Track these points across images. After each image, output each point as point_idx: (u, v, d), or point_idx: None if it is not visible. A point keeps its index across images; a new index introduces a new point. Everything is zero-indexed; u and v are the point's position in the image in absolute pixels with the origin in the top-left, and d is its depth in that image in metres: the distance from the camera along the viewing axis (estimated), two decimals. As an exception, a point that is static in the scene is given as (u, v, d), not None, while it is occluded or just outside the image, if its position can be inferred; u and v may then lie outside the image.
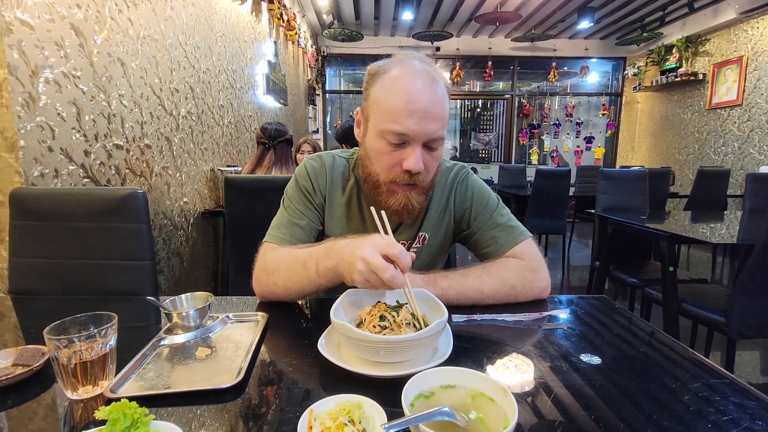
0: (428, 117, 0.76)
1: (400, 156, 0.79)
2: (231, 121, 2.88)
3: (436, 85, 0.77)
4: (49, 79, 1.29)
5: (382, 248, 0.63)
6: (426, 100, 0.75)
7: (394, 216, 0.84)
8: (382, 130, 0.78)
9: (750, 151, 4.51)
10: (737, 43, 4.65)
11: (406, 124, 0.75)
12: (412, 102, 0.75)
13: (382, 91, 0.79)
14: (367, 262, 0.62)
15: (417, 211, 0.85)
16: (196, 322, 0.71)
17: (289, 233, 0.89)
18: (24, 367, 0.56)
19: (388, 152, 0.79)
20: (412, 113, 0.75)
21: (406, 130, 0.75)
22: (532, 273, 0.85)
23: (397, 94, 0.76)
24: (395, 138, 0.77)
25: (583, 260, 4.30)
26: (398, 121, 0.75)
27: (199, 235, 2.37)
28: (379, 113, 0.79)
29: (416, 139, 0.77)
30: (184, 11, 2.15)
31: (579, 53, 6.34)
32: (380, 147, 0.80)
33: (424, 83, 0.76)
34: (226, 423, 0.48)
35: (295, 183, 0.94)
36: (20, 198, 1.02)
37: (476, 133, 7.01)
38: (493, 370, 0.59)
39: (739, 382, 0.55)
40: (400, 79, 0.77)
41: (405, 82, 0.76)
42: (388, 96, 0.77)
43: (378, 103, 0.79)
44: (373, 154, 0.82)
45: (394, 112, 0.76)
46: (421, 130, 0.76)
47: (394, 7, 5.00)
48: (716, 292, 1.88)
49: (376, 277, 0.62)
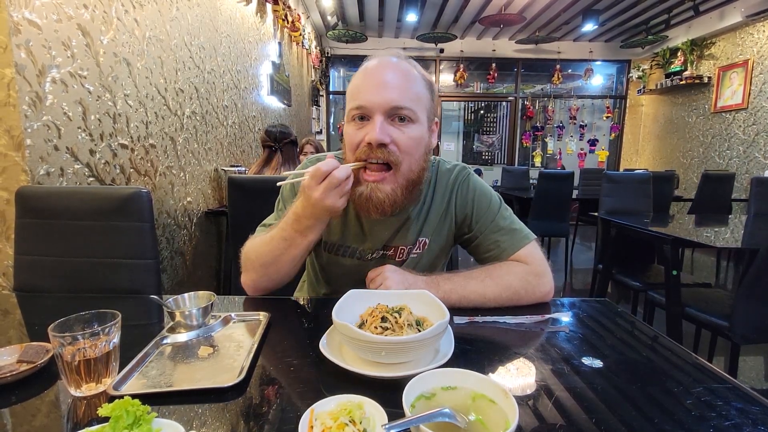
0: (386, 87, 0.76)
1: (364, 133, 0.78)
2: (235, 122, 2.89)
3: (401, 64, 0.80)
4: (56, 79, 1.30)
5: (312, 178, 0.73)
6: (384, 73, 0.78)
7: (362, 211, 0.82)
8: (347, 112, 0.81)
9: (755, 155, 4.48)
10: (743, 47, 4.63)
11: (362, 96, 0.77)
12: (369, 76, 0.78)
13: (351, 82, 0.83)
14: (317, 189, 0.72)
15: (385, 205, 0.78)
16: (199, 321, 0.71)
17: None
18: (28, 363, 0.57)
19: (353, 132, 0.80)
20: (369, 86, 0.78)
21: (363, 102, 0.77)
22: (537, 278, 0.84)
23: (358, 74, 0.81)
24: (356, 113, 0.79)
25: (586, 263, 4.29)
26: (356, 96, 0.78)
27: (202, 235, 2.38)
28: (347, 101, 0.82)
29: (375, 109, 0.76)
30: (189, 12, 2.16)
31: (583, 56, 6.33)
32: (349, 130, 0.81)
33: (386, 63, 0.79)
34: (228, 422, 0.48)
35: (291, 186, 0.93)
36: (26, 196, 1.03)
37: (479, 135, 7.00)
38: (494, 372, 0.59)
39: (742, 387, 0.55)
40: (367, 67, 0.81)
41: (368, 65, 0.81)
42: (353, 83, 0.82)
43: (348, 93, 0.82)
44: (346, 141, 0.83)
45: (354, 90, 0.80)
46: (377, 99, 0.76)
47: (398, 8, 5.01)
48: (720, 296, 1.87)
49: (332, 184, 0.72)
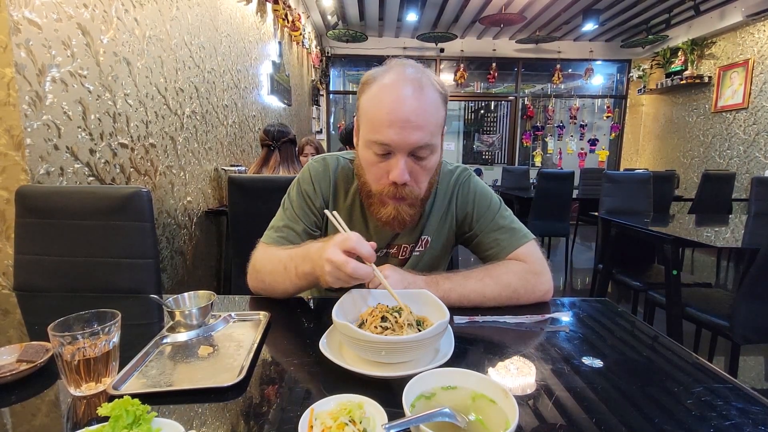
0: (409, 126, 0.74)
1: (387, 167, 0.78)
2: (235, 121, 2.89)
3: (423, 92, 0.76)
4: (56, 78, 1.30)
5: (340, 244, 0.66)
6: (408, 110, 0.74)
7: (386, 227, 0.85)
8: (367, 140, 0.79)
9: (756, 154, 4.48)
10: (743, 46, 4.62)
11: (387, 134, 0.75)
12: (393, 112, 0.74)
13: (368, 101, 0.79)
14: (330, 261, 0.65)
15: (408, 223, 0.84)
16: (199, 321, 0.71)
17: (283, 235, 0.90)
18: (28, 363, 0.57)
19: (375, 163, 0.79)
20: (393, 123, 0.74)
21: (387, 140, 0.75)
22: (535, 276, 0.85)
23: (379, 104, 0.76)
24: (379, 148, 0.77)
25: (586, 263, 4.29)
26: (380, 131, 0.75)
27: (202, 234, 2.38)
28: (365, 123, 0.79)
29: (399, 149, 0.76)
30: (189, 11, 2.16)
31: (584, 55, 6.32)
32: (368, 157, 0.80)
33: (407, 92, 0.75)
34: (228, 421, 0.48)
35: (297, 186, 0.94)
36: (26, 196, 1.03)
37: (480, 135, 7.00)
38: (494, 371, 0.59)
39: (743, 387, 0.55)
40: (384, 89, 0.77)
41: (388, 92, 0.76)
42: (371, 106, 0.78)
43: (365, 113, 0.79)
44: (364, 164, 0.83)
45: (377, 122, 0.76)
46: (402, 141, 0.75)
47: (399, 8, 5.01)
48: (720, 296, 1.87)
49: (342, 272, 0.64)
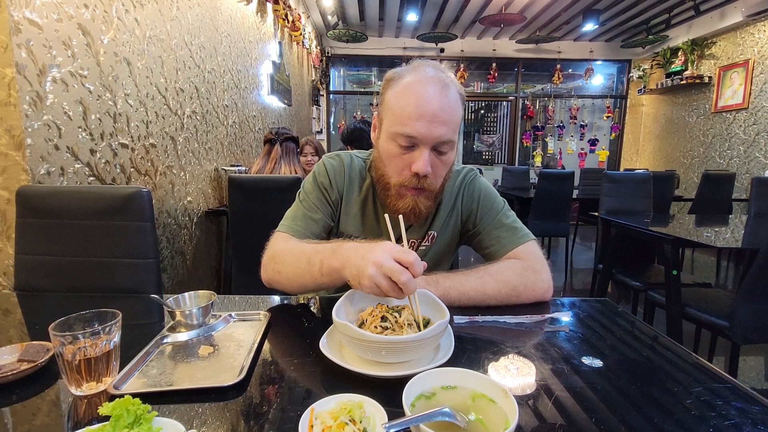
0: (436, 121, 0.78)
1: (410, 159, 0.82)
2: (235, 121, 2.89)
3: (448, 90, 0.80)
4: (57, 78, 1.30)
5: (397, 253, 0.61)
6: (435, 105, 0.78)
7: (404, 219, 0.85)
8: (393, 132, 0.81)
9: (756, 154, 4.48)
10: (743, 46, 4.62)
11: (414, 127, 0.78)
12: (421, 106, 0.78)
13: (395, 96, 0.82)
14: (380, 266, 0.60)
15: (424, 215, 0.88)
16: (199, 321, 0.71)
17: (302, 225, 0.91)
18: (29, 362, 0.57)
19: (398, 155, 0.82)
20: (421, 117, 0.78)
21: (414, 133, 0.78)
22: (534, 274, 0.86)
23: (408, 99, 0.80)
24: (405, 141, 0.80)
25: (586, 263, 4.29)
26: (407, 124, 0.78)
27: (202, 234, 2.38)
28: (391, 117, 0.82)
29: (424, 142, 0.79)
30: (189, 11, 2.16)
31: (584, 55, 6.32)
32: (391, 149, 0.83)
33: (435, 89, 0.79)
34: (228, 421, 0.48)
35: (313, 178, 0.97)
36: (27, 196, 1.03)
37: (480, 135, 7.00)
38: (494, 371, 0.59)
39: (742, 386, 0.55)
40: (412, 84, 0.80)
41: (416, 88, 0.80)
42: (399, 100, 0.81)
43: (390, 107, 0.83)
44: (385, 157, 0.85)
45: (404, 115, 0.79)
46: (428, 134, 0.78)
47: (399, 8, 5.01)
48: (720, 296, 1.87)
49: (388, 282, 0.60)
